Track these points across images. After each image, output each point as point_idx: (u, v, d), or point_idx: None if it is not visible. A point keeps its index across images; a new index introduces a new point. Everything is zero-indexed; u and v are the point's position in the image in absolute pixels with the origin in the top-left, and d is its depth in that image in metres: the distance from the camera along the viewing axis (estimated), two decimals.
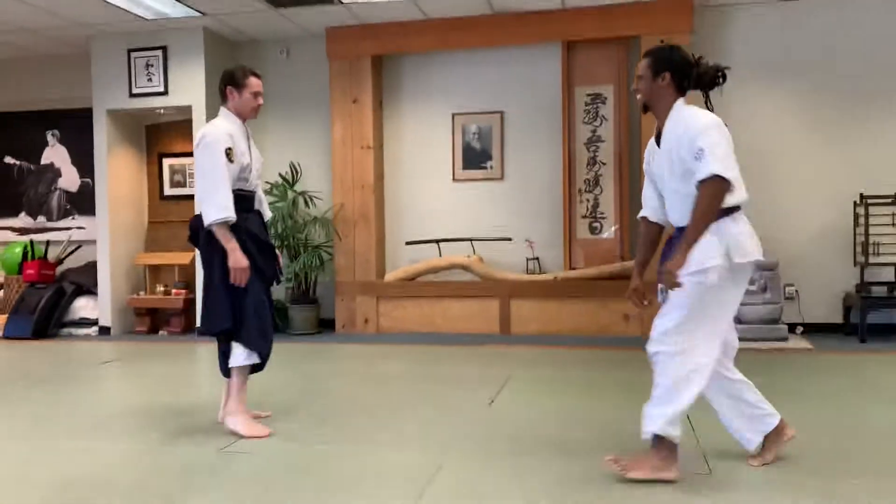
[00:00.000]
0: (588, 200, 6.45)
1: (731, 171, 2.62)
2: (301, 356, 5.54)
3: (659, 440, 2.63)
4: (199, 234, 3.33)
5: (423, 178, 6.88)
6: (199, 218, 3.33)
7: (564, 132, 6.45)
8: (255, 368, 3.41)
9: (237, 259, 3.22)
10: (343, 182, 6.74)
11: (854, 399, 3.93)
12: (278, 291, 6.99)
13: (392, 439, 3.23)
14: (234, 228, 3.26)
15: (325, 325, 6.86)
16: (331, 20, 6.47)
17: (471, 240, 6.65)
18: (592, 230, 6.45)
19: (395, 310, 6.64)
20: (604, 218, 6.43)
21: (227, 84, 3.42)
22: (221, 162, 3.24)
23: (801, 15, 6.17)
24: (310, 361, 5.31)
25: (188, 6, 6.03)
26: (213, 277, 3.31)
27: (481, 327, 6.46)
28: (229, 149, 3.27)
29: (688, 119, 2.70)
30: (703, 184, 2.60)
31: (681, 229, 2.75)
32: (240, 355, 3.32)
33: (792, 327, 6.08)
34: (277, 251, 3.56)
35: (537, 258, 6.56)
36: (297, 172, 6.85)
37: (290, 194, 6.76)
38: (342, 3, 5.99)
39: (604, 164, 6.42)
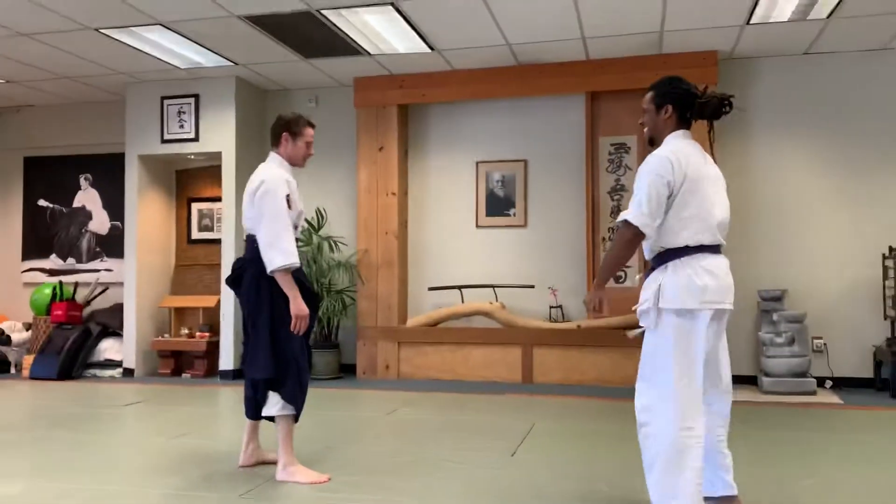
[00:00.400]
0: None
1: (642, 218, 2.58)
2: (322, 401, 5.52)
3: None
4: (244, 277, 3.34)
5: (447, 225, 6.92)
6: (243, 261, 3.37)
7: (588, 181, 6.48)
8: (278, 417, 3.39)
9: (300, 307, 3.23)
10: (367, 228, 6.81)
11: (885, 457, 3.82)
12: None
13: (414, 490, 3.20)
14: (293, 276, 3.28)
15: (346, 370, 6.86)
16: (359, 70, 6.62)
17: (493, 286, 6.65)
18: (616, 279, 6.42)
19: (416, 356, 6.63)
20: (628, 266, 6.41)
21: (283, 130, 3.45)
22: (284, 208, 3.25)
23: (827, 67, 6.20)
24: (330, 407, 5.29)
25: (221, 56, 6.21)
26: (259, 323, 3.29)
27: (503, 375, 6.41)
28: (288, 195, 3.30)
29: (649, 158, 2.68)
30: (617, 232, 2.67)
31: (654, 259, 2.74)
32: (275, 405, 3.31)
33: (821, 381, 5.97)
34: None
35: (560, 306, 6.53)
36: (322, 217, 6.93)
37: (316, 239, 6.83)
38: (370, 54, 6.13)
39: None
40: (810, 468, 3.51)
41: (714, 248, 2.71)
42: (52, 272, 7.83)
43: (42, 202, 7.93)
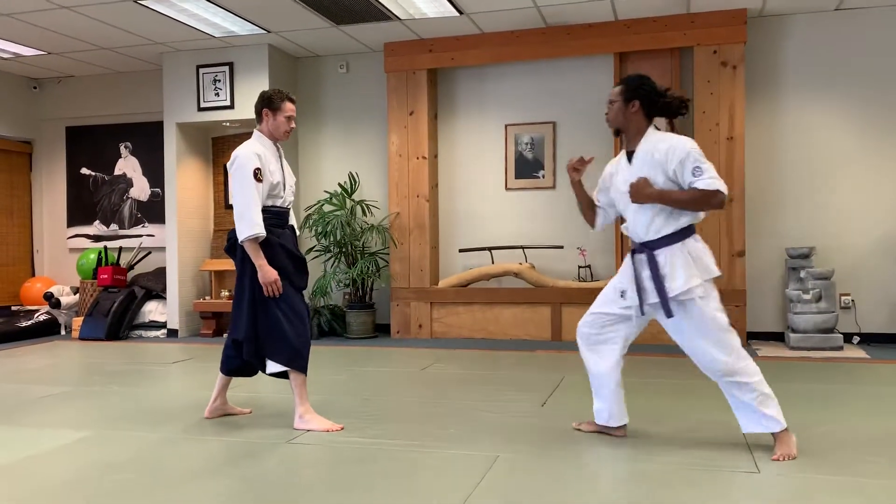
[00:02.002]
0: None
1: (726, 190, 2.94)
2: (358, 358, 5.75)
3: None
4: (236, 247, 3.57)
5: (477, 188, 7.04)
6: (234, 230, 3.57)
7: (616, 142, 6.53)
8: (289, 372, 3.58)
9: (266, 273, 3.45)
10: (399, 191, 6.96)
11: None
12: (336, 296, 7.25)
13: (447, 436, 3.39)
14: (269, 243, 3.49)
15: (380, 330, 7.08)
16: (389, 35, 6.71)
17: (523, 247, 6.78)
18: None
19: (448, 315, 6.81)
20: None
21: (263, 106, 3.62)
22: (250, 182, 3.44)
23: (856, 23, 6.15)
24: (366, 364, 5.50)
25: (254, 24, 6.34)
26: (243, 287, 3.55)
27: (533, 333, 6.58)
28: (258, 169, 3.48)
29: (671, 141, 3.00)
30: (702, 191, 2.91)
31: (643, 244, 3.03)
32: (273, 364, 3.54)
33: (848, 337, 6.04)
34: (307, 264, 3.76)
35: (589, 266, 6.65)
36: (355, 182, 7.10)
37: (349, 203, 7.01)
38: (400, 19, 6.22)
39: None
40: (829, 417, 3.63)
41: None
42: (96, 238, 8.13)
43: (85, 170, 8.20)
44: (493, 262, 6.85)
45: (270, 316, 3.51)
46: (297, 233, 3.82)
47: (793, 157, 6.28)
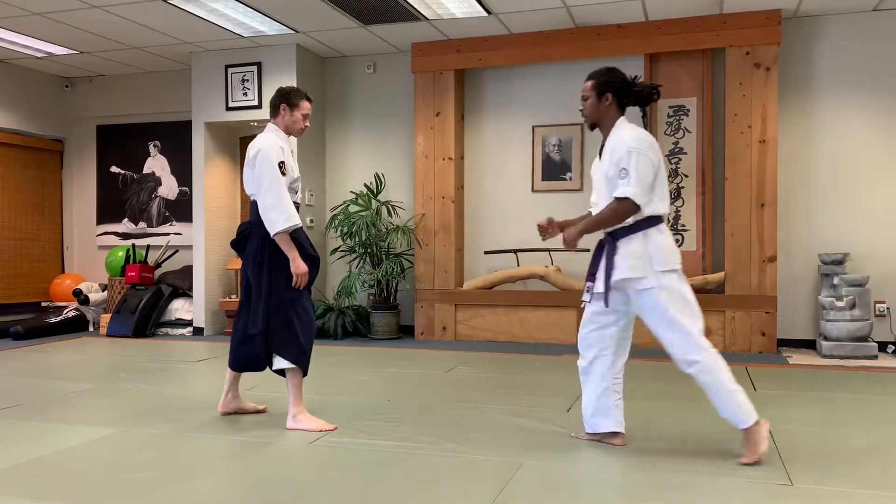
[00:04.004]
0: (669, 212, 6.42)
1: (642, 197, 2.94)
2: (382, 359, 5.73)
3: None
4: (249, 240, 3.56)
5: (503, 189, 6.99)
6: (248, 224, 3.58)
7: None
8: (287, 371, 3.58)
9: (299, 266, 3.47)
10: (425, 192, 6.93)
11: None
12: (361, 297, 7.24)
13: (472, 439, 3.35)
14: (292, 237, 3.49)
15: (404, 331, 7.05)
16: (416, 36, 6.69)
17: (549, 250, 6.72)
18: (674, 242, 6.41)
19: (472, 318, 6.77)
20: (685, 230, 6.39)
21: (282, 101, 3.62)
22: (278, 174, 3.44)
23: (894, 24, 6.00)
24: (391, 365, 5.48)
25: (282, 24, 6.36)
26: (261, 284, 3.51)
27: (558, 337, 6.51)
28: (282, 162, 3.48)
29: (621, 136, 3.01)
30: (615, 203, 2.96)
31: (609, 234, 3.08)
32: (283, 361, 3.53)
33: (883, 346, 5.89)
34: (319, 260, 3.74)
35: None
36: (381, 182, 7.08)
37: (374, 204, 7.00)
38: (428, 19, 6.19)
39: (686, 176, 6.39)
40: (865, 429, 3.53)
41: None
42: (124, 236, 8.21)
43: (114, 168, 8.29)
44: (518, 265, 6.79)
45: (284, 312, 3.51)
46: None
47: (827, 161, 6.15)
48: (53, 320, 7.42)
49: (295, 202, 3.61)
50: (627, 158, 2.95)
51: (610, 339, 3.17)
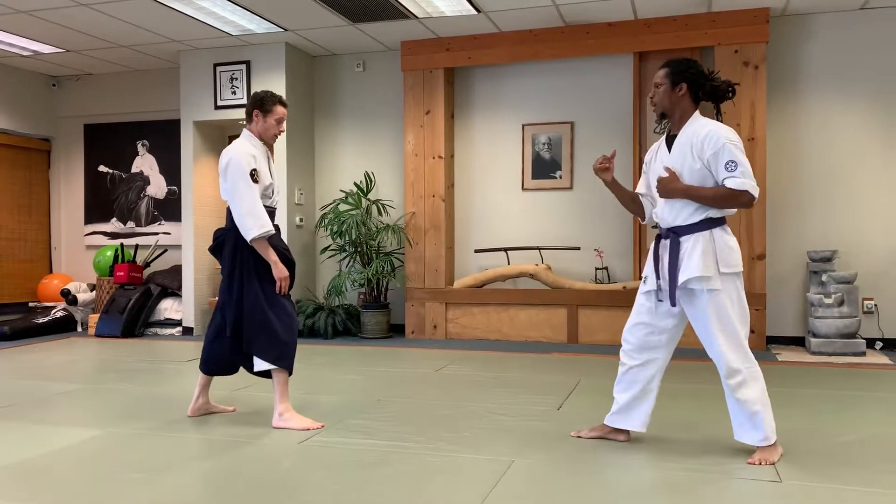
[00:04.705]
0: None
1: (756, 190, 2.90)
2: (372, 358, 5.71)
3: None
4: (224, 246, 3.58)
5: (493, 188, 6.99)
6: (224, 230, 3.60)
7: (635, 142, 6.47)
8: (273, 371, 3.59)
9: (280, 271, 3.50)
10: (415, 191, 6.92)
11: None
12: (351, 296, 7.22)
13: (462, 438, 3.34)
14: (268, 242, 3.51)
15: (395, 330, 7.04)
16: (406, 34, 6.68)
17: (539, 248, 6.72)
18: None
19: (463, 316, 6.77)
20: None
21: (254, 107, 3.61)
22: (249, 181, 3.46)
23: (881, 22, 6.04)
24: (381, 364, 5.47)
25: (271, 22, 6.33)
26: (234, 288, 3.54)
27: (549, 335, 6.51)
28: (254, 170, 3.49)
29: (709, 129, 2.91)
30: (730, 189, 2.87)
31: (670, 230, 2.97)
32: (259, 362, 3.55)
33: (871, 343, 5.93)
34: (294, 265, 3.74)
35: (606, 268, 6.58)
36: (371, 181, 7.07)
37: (364, 202, 6.98)
38: (417, 17, 6.18)
39: None
40: (854, 426, 3.55)
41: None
42: (113, 235, 8.16)
43: (102, 168, 8.24)
44: (508, 263, 6.79)
45: (261, 314, 3.51)
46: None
47: (815, 158, 6.18)
48: (41, 321, 7.36)
49: (271, 207, 3.62)
50: (732, 150, 2.85)
51: (664, 342, 3.11)
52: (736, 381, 2.89)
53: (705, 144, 2.89)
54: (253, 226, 3.43)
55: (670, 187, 2.94)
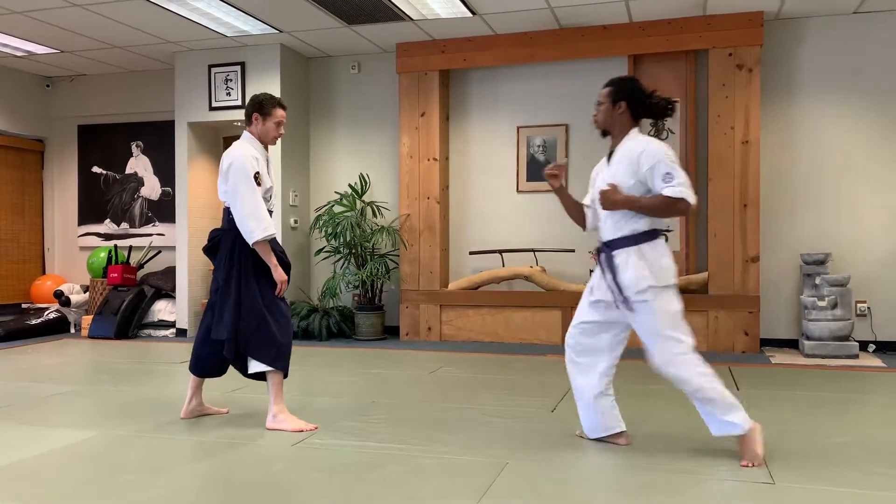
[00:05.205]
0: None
1: (693, 198, 2.99)
2: (367, 360, 5.71)
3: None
4: (220, 246, 3.57)
5: (488, 190, 7.00)
6: (220, 231, 3.60)
7: None
8: (267, 373, 3.58)
9: (280, 274, 3.51)
10: (410, 193, 6.92)
11: None
12: (345, 298, 7.21)
13: (457, 440, 3.34)
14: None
15: (389, 332, 7.04)
16: (401, 36, 6.68)
17: (534, 251, 6.73)
18: None
19: (457, 318, 6.77)
20: (669, 231, 6.41)
21: (254, 110, 3.61)
22: (253, 183, 3.46)
23: (874, 26, 6.07)
24: (376, 366, 5.46)
25: (266, 24, 6.32)
26: (230, 289, 3.51)
27: (543, 338, 6.52)
28: (257, 173, 3.50)
29: (645, 146, 3.02)
30: (668, 197, 2.95)
31: (606, 244, 3.11)
32: (255, 364, 3.54)
33: (864, 345, 5.95)
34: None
35: None
36: (365, 183, 7.06)
37: (359, 204, 6.97)
38: (412, 19, 6.19)
39: None
40: (847, 428, 3.56)
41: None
42: (106, 236, 8.14)
43: (96, 169, 8.22)
44: (503, 265, 6.80)
45: (258, 317, 3.50)
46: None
47: (809, 161, 6.20)
48: (34, 322, 7.33)
49: (270, 211, 3.62)
50: (668, 164, 2.95)
51: (606, 344, 3.20)
52: (678, 379, 2.97)
53: (641, 160, 2.99)
54: (256, 228, 3.42)
55: (612, 199, 3.03)
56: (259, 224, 3.43)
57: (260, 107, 3.60)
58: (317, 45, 7.04)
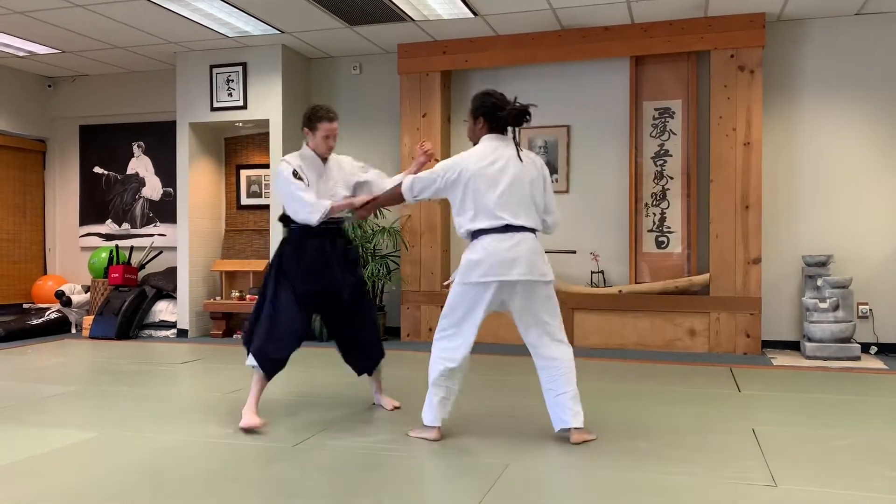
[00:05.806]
0: (654, 214, 6.45)
1: (409, 194, 3.38)
2: None
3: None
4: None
5: None
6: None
7: (631, 146, 6.47)
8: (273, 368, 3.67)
9: (355, 202, 3.65)
10: None
11: None
12: None
13: (457, 442, 3.33)
14: (296, 245, 3.63)
15: (390, 333, 7.03)
16: (402, 37, 6.68)
17: None
18: (659, 244, 6.44)
19: None
20: (671, 232, 6.42)
21: (304, 125, 3.75)
22: (292, 179, 3.58)
23: (877, 28, 6.06)
24: None
25: (268, 24, 6.32)
26: (265, 290, 3.68)
27: None
28: (295, 171, 3.61)
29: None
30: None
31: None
32: (249, 358, 3.64)
33: (865, 347, 5.94)
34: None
35: (602, 271, 6.58)
36: None
37: None
38: (414, 20, 6.18)
39: (671, 178, 6.41)
40: (849, 430, 3.55)
41: (497, 230, 3.24)
42: (108, 237, 8.13)
43: (97, 169, 8.22)
44: None
45: (260, 310, 3.63)
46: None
47: (810, 163, 6.19)
48: (35, 322, 7.33)
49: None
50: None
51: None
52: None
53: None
54: (310, 213, 3.52)
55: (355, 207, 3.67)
56: (307, 207, 3.52)
57: (307, 121, 3.73)
58: (318, 46, 7.04)
